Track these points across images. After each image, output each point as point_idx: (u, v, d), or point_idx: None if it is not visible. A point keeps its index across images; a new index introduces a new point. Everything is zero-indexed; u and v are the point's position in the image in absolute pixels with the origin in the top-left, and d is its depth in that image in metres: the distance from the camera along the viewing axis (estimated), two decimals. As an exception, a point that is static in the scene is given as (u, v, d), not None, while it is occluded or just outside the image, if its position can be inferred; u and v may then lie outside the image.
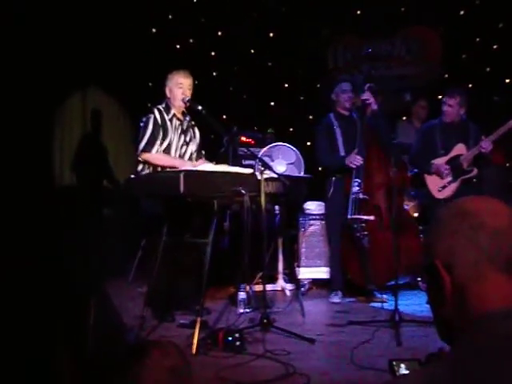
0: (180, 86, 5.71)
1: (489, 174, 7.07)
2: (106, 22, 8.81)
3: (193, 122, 5.98)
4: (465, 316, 1.34)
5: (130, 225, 7.95)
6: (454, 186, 6.51)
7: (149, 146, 5.60)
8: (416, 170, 6.98)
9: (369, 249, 6.15)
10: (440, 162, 6.57)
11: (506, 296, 1.32)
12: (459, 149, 6.56)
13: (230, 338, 4.56)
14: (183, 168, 5.09)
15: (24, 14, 7.96)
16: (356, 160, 6.34)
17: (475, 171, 6.49)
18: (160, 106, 5.76)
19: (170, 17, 9.73)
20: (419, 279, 6.67)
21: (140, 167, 5.67)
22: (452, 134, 6.60)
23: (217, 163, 5.82)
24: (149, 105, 7.22)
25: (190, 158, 5.87)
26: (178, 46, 9.81)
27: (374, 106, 6.34)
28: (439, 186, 6.56)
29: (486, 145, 6.32)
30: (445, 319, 1.41)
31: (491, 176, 7.27)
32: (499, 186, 7.57)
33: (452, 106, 6.54)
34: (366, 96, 6.31)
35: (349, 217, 6.23)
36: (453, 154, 6.57)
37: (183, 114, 5.87)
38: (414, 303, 6.18)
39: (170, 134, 5.70)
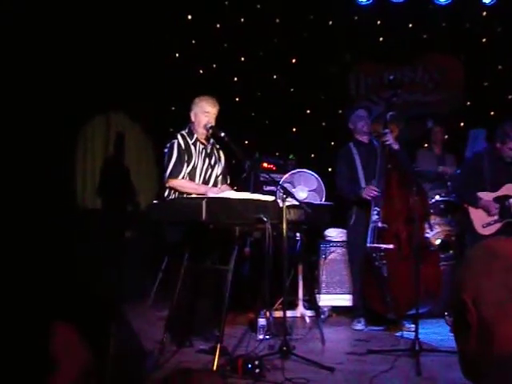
0: (206, 115, 5.73)
1: None
2: (129, 46, 8.91)
3: (218, 146, 6.00)
4: (490, 354, 1.35)
5: (151, 248, 7.98)
6: (498, 225, 6.42)
7: (175, 173, 5.62)
8: (440, 199, 6.93)
9: (388, 278, 6.11)
10: (487, 197, 6.48)
11: None
12: (508, 188, 6.47)
13: (250, 365, 4.54)
14: (208, 194, 5.15)
15: (47, 37, 8.08)
16: (371, 192, 6.32)
17: None
18: (183, 132, 5.78)
19: (194, 42, 9.81)
20: (446, 313, 6.56)
21: (167, 193, 5.69)
22: (501, 170, 6.50)
23: (238, 189, 5.83)
24: (171, 129, 7.28)
25: (216, 181, 5.89)
26: (201, 71, 9.88)
27: (396, 147, 6.33)
28: (484, 223, 6.45)
29: None
30: (469, 356, 1.41)
31: None
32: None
33: None
34: (387, 138, 6.30)
35: (368, 245, 6.21)
36: (501, 193, 6.46)
37: (207, 138, 5.88)
38: (434, 332, 6.12)
39: (194, 158, 5.71)
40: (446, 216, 7.14)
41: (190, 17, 9.68)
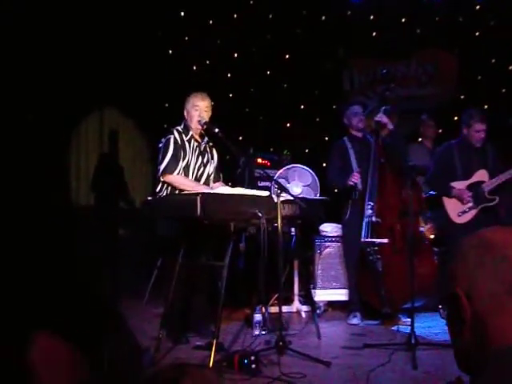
0: (196, 109, 5.71)
1: (506, 199, 6.99)
2: (123, 43, 8.90)
3: (211, 144, 5.98)
4: (484, 347, 1.35)
5: (145, 245, 7.97)
6: (473, 211, 6.47)
7: (170, 168, 5.59)
8: (432, 192, 6.94)
9: (382, 272, 6.11)
10: (460, 186, 6.53)
11: None
12: (480, 175, 6.51)
13: (246, 361, 4.54)
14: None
15: (42, 35, 8.07)
16: (353, 177, 6.36)
17: (497, 199, 6.45)
18: (179, 128, 5.76)
19: (187, 38, 9.80)
20: (440, 306, 6.58)
21: (159, 187, 5.67)
22: (472, 158, 6.56)
23: (233, 185, 5.81)
24: (165, 125, 7.28)
25: (207, 180, 5.87)
26: (194, 68, 9.87)
27: (391, 126, 6.35)
28: (459, 211, 6.51)
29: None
30: (464, 349, 1.41)
31: (509, 202, 7.18)
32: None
33: (485, 131, 6.49)
34: (380, 117, 6.33)
35: (362, 240, 6.22)
36: (474, 179, 6.52)
37: (201, 135, 5.86)
38: (430, 326, 6.14)
39: (188, 155, 5.69)
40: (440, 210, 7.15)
41: (182, 13, 9.68)
